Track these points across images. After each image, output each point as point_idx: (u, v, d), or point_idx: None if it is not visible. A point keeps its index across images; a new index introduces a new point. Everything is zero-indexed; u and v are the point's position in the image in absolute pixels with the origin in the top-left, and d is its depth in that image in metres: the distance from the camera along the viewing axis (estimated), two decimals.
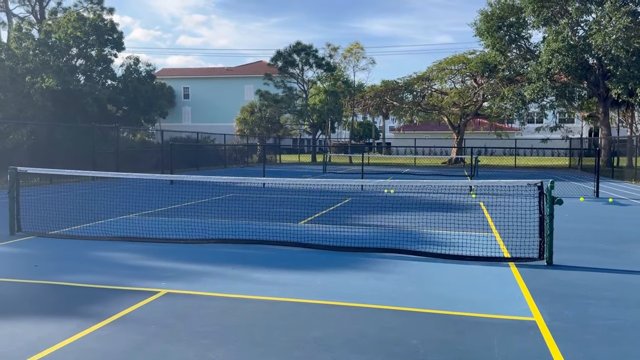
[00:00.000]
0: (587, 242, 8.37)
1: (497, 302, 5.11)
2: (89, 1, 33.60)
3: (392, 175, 25.15)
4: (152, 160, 28.89)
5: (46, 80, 24.15)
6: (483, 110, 40.64)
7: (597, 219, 10.93)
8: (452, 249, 7.41)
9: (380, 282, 5.78)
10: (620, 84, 27.23)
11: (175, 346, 3.96)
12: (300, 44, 42.73)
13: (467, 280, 5.89)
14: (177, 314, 4.69)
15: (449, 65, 39.97)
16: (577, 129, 50.23)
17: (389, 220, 9.95)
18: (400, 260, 6.86)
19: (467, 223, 9.73)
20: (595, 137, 41.70)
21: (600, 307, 4.96)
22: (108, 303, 4.97)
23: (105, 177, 20.11)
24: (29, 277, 5.94)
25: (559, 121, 38.31)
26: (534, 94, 31.05)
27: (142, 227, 9.12)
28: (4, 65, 23.32)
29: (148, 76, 32.87)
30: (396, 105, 42.61)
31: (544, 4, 29.88)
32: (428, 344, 4.02)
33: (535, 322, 4.52)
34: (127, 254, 7.22)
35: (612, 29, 26.51)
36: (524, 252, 7.11)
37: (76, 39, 28.22)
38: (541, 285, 5.71)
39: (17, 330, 4.25)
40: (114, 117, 30.52)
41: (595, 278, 6.05)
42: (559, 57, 28.60)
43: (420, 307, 4.94)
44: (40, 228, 8.95)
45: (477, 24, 33.75)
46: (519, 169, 33.86)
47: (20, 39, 26.83)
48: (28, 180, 18.49)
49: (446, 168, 34.86)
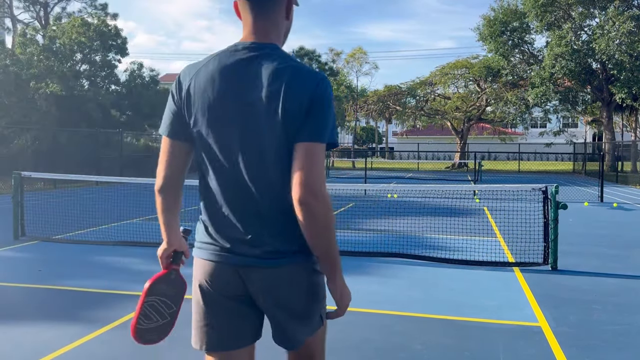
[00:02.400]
0: (592, 247, 8.33)
1: (501, 307, 5.09)
2: (94, 7, 33.80)
3: (396, 179, 25.13)
4: (155, 164, 28.75)
5: (50, 85, 24.25)
6: (486, 115, 40.64)
7: (602, 224, 10.89)
8: (456, 254, 7.39)
9: (384, 287, 5.76)
10: (624, 89, 27.19)
11: (179, 352, 3.95)
12: (304, 48, 42.80)
13: (471, 285, 5.87)
14: (180, 318, 4.67)
15: (452, 70, 40.02)
16: (580, 133, 50.16)
17: (393, 225, 9.93)
18: (404, 265, 6.84)
19: (471, 228, 9.70)
20: (599, 142, 41.61)
21: (606, 313, 4.93)
22: (112, 308, 4.97)
23: (109, 182, 20.14)
24: (32, 281, 5.94)
25: (562, 126, 38.30)
26: (538, 99, 31.04)
27: (146, 232, 9.12)
28: (8, 71, 23.43)
29: (152, 81, 32.97)
30: (399, 110, 42.62)
31: (547, 8, 29.89)
32: (432, 350, 4.00)
33: (541, 328, 4.49)
34: (131, 258, 7.21)
35: (616, 33, 26.50)
36: (528, 257, 7.08)
37: (80, 45, 28.34)
38: (546, 290, 5.68)
39: (21, 335, 4.25)
40: (118, 122, 30.59)
41: (601, 283, 6.02)
42: (562, 61, 28.60)
43: (424, 312, 4.92)
44: (44, 233, 8.96)
45: (480, 29, 33.80)
46: (523, 173, 33.80)
47: (24, 44, 26.96)
48: (32, 184, 18.54)
49: (449, 173, 34.81)
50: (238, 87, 1.75)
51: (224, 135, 1.77)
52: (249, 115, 1.74)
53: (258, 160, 1.75)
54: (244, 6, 1.83)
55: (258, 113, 1.73)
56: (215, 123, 1.77)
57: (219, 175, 1.82)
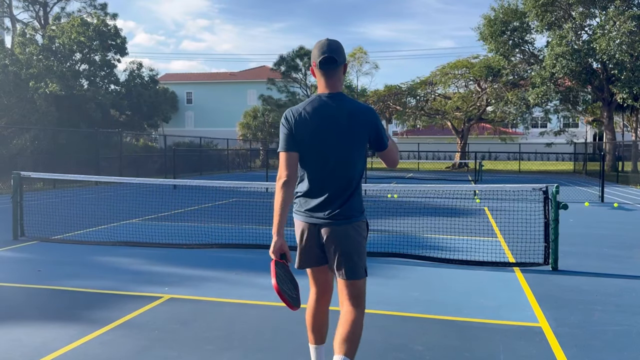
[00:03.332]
0: (593, 247, 8.31)
1: (502, 307, 5.07)
2: (93, 6, 33.76)
3: (396, 179, 25.12)
4: (155, 165, 28.92)
5: (50, 85, 24.23)
6: (487, 115, 40.58)
7: (602, 224, 10.88)
8: (456, 254, 7.38)
9: (384, 287, 5.74)
10: (624, 88, 27.16)
11: (178, 352, 3.94)
12: (303, 48, 42.79)
13: (472, 286, 5.85)
14: (180, 319, 4.66)
15: (452, 70, 39.97)
16: (581, 133, 50.16)
17: (393, 225, 9.91)
18: (404, 265, 6.83)
19: (472, 228, 9.69)
20: (599, 142, 41.59)
21: (606, 313, 4.92)
22: (111, 308, 4.95)
23: (108, 182, 20.14)
24: (32, 282, 5.93)
25: (563, 125, 38.28)
26: (538, 99, 30.99)
27: (145, 232, 9.11)
28: (7, 71, 23.41)
29: (151, 81, 32.96)
30: (399, 110, 42.58)
31: (548, 8, 29.86)
32: (433, 350, 3.98)
33: (541, 328, 4.48)
34: (130, 258, 7.20)
35: (617, 33, 26.47)
36: (529, 258, 7.07)
37: (80, 44, 28.33)
38: (547, 290, 5.67)
39: (21, 335, 4.24)
40: (117, 122, 30.59)
41: (602, 283, 6.00)
42: (563, 61, 28.56)
43: (424, 312, 4.91)
44: (44, 233, 8.95)
45: (481, 29, 33.74)
46: (523, 173, 33.79)
47: (24, 44, 26.94)
48: (31, 185, 18.53)
49: (450, 173, 34.80)
50: (330, 119, 2.98)
51: (320, 147, 2.97)
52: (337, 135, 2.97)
53: (343, 162, 2.99)
54: (320, 73, 3.04)
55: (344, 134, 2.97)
56: (314, 140, 2.97)
57: (315, 171, 3.01)
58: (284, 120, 3.02)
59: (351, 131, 2.96)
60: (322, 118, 2.97)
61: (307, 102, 3.05)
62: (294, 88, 44.34)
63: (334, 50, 2.98)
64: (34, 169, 19.72)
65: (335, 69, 3.00)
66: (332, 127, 2.96)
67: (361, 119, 2.98)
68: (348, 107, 2.99)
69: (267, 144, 43.29)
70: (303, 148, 2.99)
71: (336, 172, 2.98)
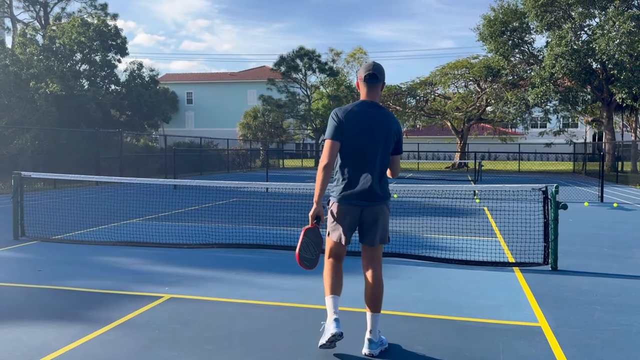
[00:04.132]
0: (592, 247, 8.32)
1: (502, 307, 5.08)
2: (93, 7, 33.78)
3: (396, 179, 25.13)
4: (155, 165, 28.93)
5: (50, 85, 24.24)
6: (486, 115, 40.59)
7: (602, 224, 10.89)
8: (456, 254, 7.38)
9: (385, 287, 5.71)
10: (624, 89, 27.17)
11: (179, 351, 3.95)
12: (303, 49, 42.82)
13: (471, 286, 5.86)
14: (180, 319, 4.67)
15: (452, 70, 39.98)
16: (581, 133, 50.16)
17: (393, 225, 9.92)
18: (404, 265, 6.84)
19: (471, 228, 9.70)
20: (599, 142, 41.60)
21: (606, 313, 4.92)
22: (111, 308, 4.96)
23: (108, 182, 20.16)
24: (32, 281, 5.93)
25: (562, 126, 38.25)
26: (538, 99, 31.01)
27: (145, 232, 9.12)
28: (8, 71, 23.42)
29: (151, 81, 32.95)
30: (399, 110, 42.58)
31: (547, 8, 29.88)
32: (433, 350, 3.99)
33: (541, 328, 4.49)
34: (131, 258, 7.21)
35: (616, 33, 26.49)
36: (528, 257, 7.08)
37: (80, 44, 28.34)
38: (546, 290, 5.67)
39: (21, 335, 4.24)
40: (118, 122, 30.59)
41: (601, 283, 6.01)
42: (562, 61, 28.57)
43: (425, 312, 4.92)
44: (44, 233, 8.96)
45: (480, 29, 33.75)
46: (523, 173, 33.80)
47: (24, 44, 26.95)
48: (32, 185, 18.54)
49: (449, 173, 34.80)
50: (370, 122, 3.82)
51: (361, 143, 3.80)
52: (374, 135, 3.81)
53: (375, 156, 3.82)
54: (364, 85, 3.91)
55: (379, 135, 3.82)
56: (357, 136, 3.80)
57: (353, 161, 3.82)
58: (334, 115, 3.82)
59: (385, 134, 3.81)
60: (366, 119, 3.81)
61: (354, 104, 3.87)
62: (294, 88, 44.36)
63: (377, 70, 3.87)
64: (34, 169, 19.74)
65: (377, 83, 3.89)
66: (371, 128, 3.79)
67: (393, 127, 3.85)
68: (385, 115, 3.86)
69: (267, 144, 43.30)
70: (347, 140, 3.79)
71: (370, 164, 3.79)
